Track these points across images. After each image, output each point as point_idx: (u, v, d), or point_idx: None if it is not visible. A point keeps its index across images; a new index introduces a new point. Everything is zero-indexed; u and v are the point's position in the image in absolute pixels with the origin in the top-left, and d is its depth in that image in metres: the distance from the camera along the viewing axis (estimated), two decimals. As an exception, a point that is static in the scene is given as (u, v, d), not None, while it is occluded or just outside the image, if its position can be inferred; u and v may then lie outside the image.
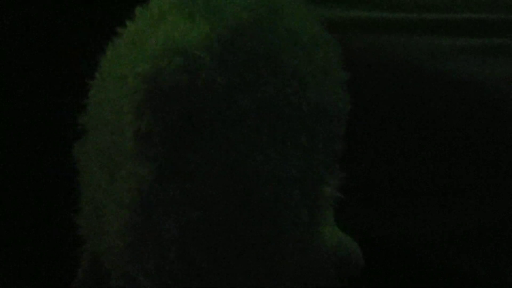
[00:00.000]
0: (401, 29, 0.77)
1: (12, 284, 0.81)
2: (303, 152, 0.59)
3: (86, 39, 0.67)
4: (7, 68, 0.84)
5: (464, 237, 0.74)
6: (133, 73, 0.57)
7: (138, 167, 0.58)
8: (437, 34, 0.77)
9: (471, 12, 0.78)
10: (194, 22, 0.58)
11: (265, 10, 0.59)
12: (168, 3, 0.60)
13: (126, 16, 0.63)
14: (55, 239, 0.77)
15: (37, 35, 0.84)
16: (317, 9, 0.79)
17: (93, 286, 0.70)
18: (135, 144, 0.58)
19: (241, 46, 0.58)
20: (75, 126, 0.66)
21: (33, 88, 0.84)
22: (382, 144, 0.76)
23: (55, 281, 0.78)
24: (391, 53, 0.76)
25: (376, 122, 0.76)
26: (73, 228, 0.68)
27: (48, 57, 0.83)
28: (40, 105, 0.84)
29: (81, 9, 0.83)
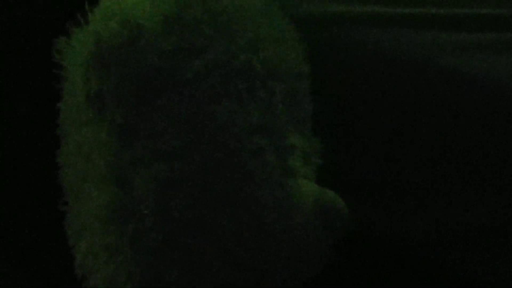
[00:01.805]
0: (404, 25, 0.77)
1: (12, 284, 0.81)
2: (262, 103, 0.62)
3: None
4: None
5: (464, 237, 0.74)
6: (77, 42, 0.62)
7: (99, 132, 0.61)
8: (445, 30, 0.76)
9: (480, 6, 0.77)
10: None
11: None
12: None
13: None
14: (54, 239, 0.77)
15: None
16: (317, 5, 0.79)
17: None
18: (90, 109, 0.61)
19: (186, 18, 0.61)
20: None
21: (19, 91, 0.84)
22: (382, 143, 0.76)
23: (55, 281, 0.78)
24: (395, 49, 0.76)
25: (376, 121, 0.76)
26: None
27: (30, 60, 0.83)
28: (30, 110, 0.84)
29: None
